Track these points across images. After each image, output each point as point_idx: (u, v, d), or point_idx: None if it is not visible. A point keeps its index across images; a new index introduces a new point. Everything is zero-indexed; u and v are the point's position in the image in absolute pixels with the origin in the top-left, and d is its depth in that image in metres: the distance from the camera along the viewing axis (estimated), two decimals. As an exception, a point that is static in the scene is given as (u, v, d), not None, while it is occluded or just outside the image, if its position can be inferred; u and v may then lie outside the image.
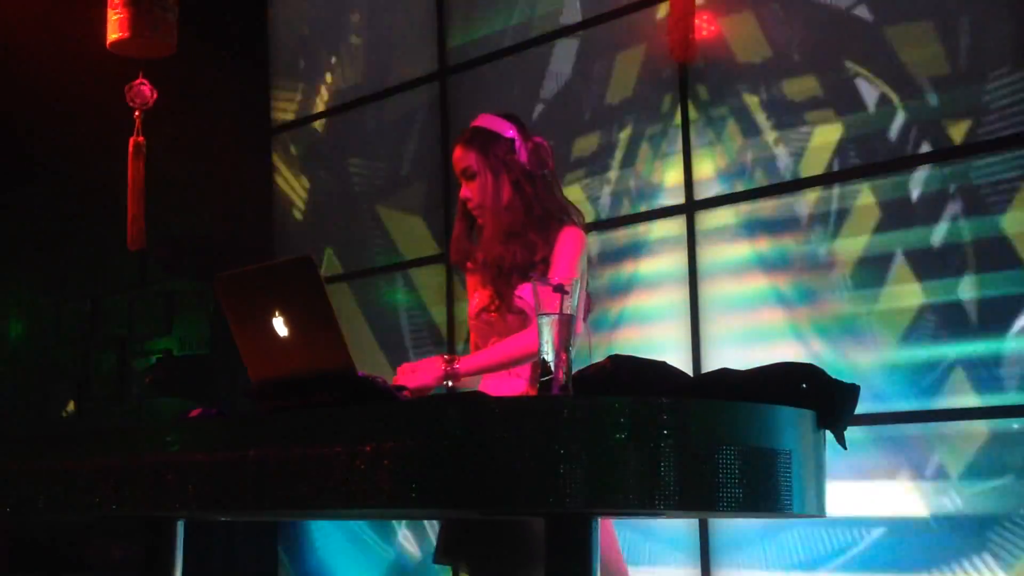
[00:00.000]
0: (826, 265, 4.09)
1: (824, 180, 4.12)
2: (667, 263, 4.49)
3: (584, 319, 2.85)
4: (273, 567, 5.82)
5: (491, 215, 2.92)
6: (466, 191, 2.95)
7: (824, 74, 4.17)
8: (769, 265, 4.23)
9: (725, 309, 4.32)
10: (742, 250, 4.30)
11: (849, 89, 4.10)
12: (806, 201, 4.16)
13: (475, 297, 3.02)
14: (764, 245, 4.25)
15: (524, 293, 2.83)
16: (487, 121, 3.02)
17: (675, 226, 4.48)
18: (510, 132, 2.97)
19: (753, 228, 4.28)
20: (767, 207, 4.24)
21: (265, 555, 5.82)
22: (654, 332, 4.50)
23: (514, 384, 2.86)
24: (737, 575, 4.18)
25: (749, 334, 4.24)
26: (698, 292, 4.37)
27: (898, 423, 3.86)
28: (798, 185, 4.18)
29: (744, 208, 4.30)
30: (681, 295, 4.41)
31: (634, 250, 4.60)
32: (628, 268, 4.61)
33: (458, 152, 2.99)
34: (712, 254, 4.37)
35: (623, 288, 4.61)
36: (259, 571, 5.81)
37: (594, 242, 4.62)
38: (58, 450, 2.39)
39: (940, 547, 3.76)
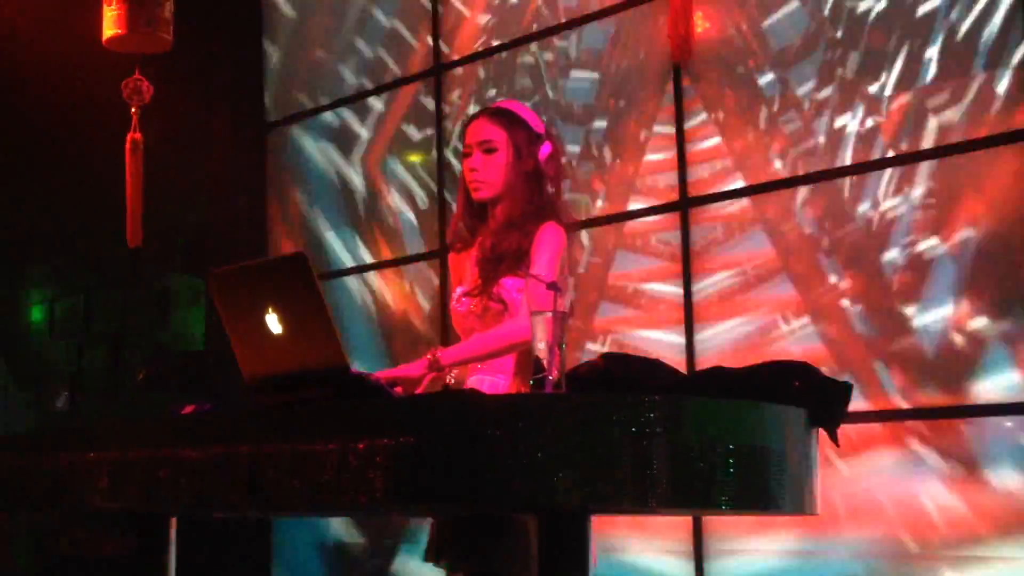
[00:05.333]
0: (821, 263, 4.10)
1: (822, 177, 4.12)
2: (661, 260, 4.49)
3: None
4: (266, 564, 5.82)
5: (492, 194, 2.93)
6: (476, 163, 2.95)
7: (823, 67, 4.17)
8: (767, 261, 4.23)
9: (720, 305, 4.32)
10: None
11: (843, 84, 4.10)
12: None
13: (462, 282, 3.02)
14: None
15: (509, 284, 2.84)
16: (519, 108, 3.04)
17: (669, 223, 4.48)
18: (540, 128, 3.00)
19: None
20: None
21: (258, 552, 5.81)
22: (647, 330, 4.50)
23: (498, 382, 2.85)
24: None
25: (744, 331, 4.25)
26: (692, 290, 4.37)
27: (892, 420, 3.87)
28: (794, 182, 4.18)
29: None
30: (675, 293, 4.42)
31: (628, 247, 4.60)
32: (622, 265, 4.61)
33: (482, 123, 2.97)
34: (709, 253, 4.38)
35: (616, 286, 4.61)
36: (252, 568, 5.81)
37: (587, 239, 4.63)
38: (51, 445, 2.39)
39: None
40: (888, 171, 3.96)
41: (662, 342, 4.41)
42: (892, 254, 3.92)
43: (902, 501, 3.83)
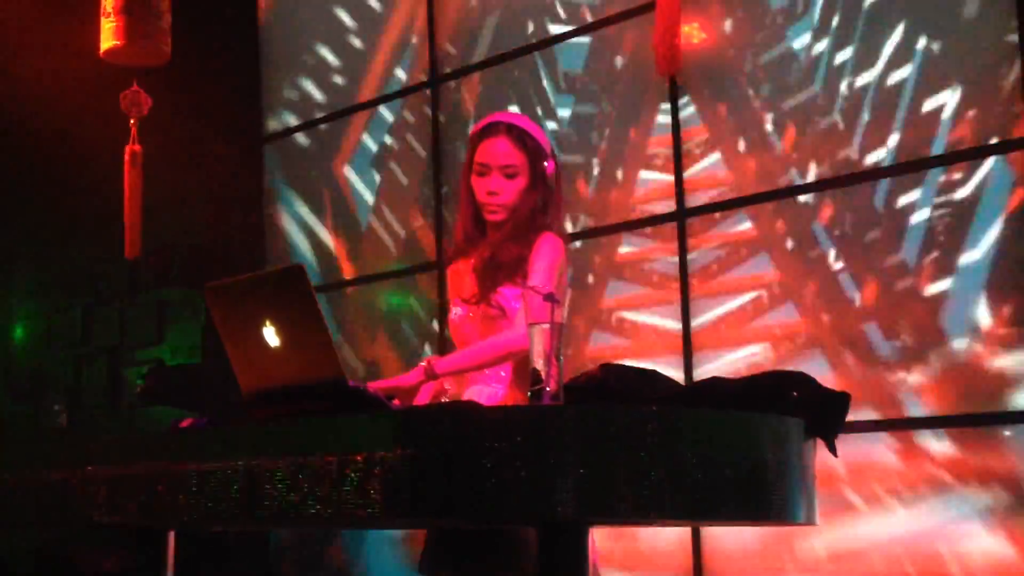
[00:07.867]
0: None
1: (817, 187, 4.12)
2: (658, 270, 4.49)
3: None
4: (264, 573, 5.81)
5: (511, 215, 2.93)
6: (495, 186, 2.92)
7: (819, 79, 4.18)
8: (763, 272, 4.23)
9: (717, 317, 4.32)
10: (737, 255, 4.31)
11: (846, 93, 4.11)
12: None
13: (460, 293, 3.01)
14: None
15: (507, 292, 2.84)
16: (534, 128, 3.00)
17: (666, 234, 4.48)
18: (549, 147, 3.01)
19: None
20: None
21: (256, 565, 5.80)
22: (645, 341, 4.50)
23: (496, 392, 2.85)
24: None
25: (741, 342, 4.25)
26: (689, 300, 4.36)
27: (887, 431, 3.87)
28: (789, 192, 4.18)
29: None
30: (672, 303, 4.41)
31: (625, 257, 4.60)
32: (619, 276, 4.61)
33: (505, 145, 2.92)
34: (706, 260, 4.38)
35: (613, 297, 4.61)
36: (251, 580, 5.80)
37: (584, 250, 4.63)
38: (49, 460, 2.39)
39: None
40: (896, 181, 3.95)
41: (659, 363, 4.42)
42: (899, 265, 3.92)
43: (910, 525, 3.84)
